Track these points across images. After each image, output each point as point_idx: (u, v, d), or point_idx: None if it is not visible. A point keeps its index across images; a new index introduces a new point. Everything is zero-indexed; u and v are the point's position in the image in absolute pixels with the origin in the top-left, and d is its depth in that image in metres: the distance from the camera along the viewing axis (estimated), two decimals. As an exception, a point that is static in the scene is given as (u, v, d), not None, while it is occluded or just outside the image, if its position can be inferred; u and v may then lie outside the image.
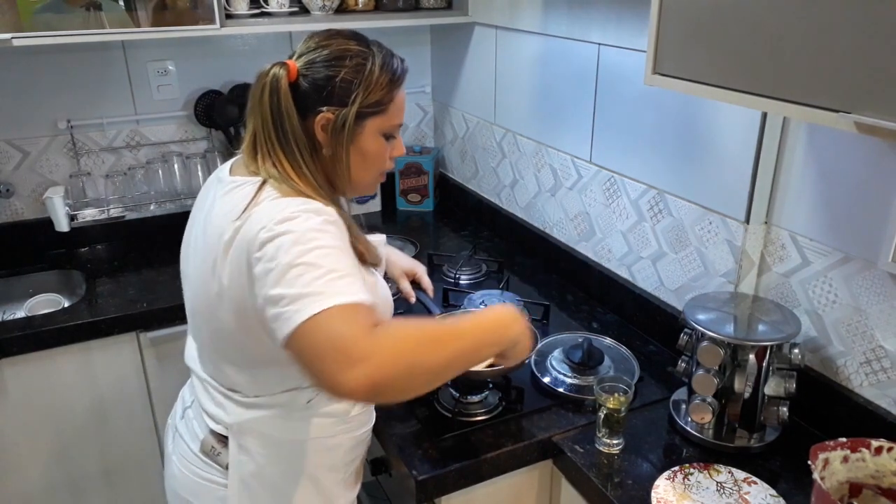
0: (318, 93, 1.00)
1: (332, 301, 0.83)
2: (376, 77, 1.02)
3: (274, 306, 0.86)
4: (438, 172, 2.47)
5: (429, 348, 0.86)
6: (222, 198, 1.02)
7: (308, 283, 0.85)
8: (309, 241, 0.88)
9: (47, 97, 1.95)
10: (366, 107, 1.02)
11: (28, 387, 1.68)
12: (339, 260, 0.89)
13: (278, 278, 0.86)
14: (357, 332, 0.82)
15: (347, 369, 0.79)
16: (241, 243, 0.93)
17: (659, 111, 1.47)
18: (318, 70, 1.00)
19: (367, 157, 1.06)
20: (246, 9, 1.88)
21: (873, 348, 1.16)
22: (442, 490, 1.19)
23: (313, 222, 0.91)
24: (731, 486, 1.11)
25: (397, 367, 0.82)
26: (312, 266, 0.86)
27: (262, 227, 0.91)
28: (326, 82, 1.00)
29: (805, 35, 0.83)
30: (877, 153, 1.10)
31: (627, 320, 1.65)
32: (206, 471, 1.11)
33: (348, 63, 1.00)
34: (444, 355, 0.88)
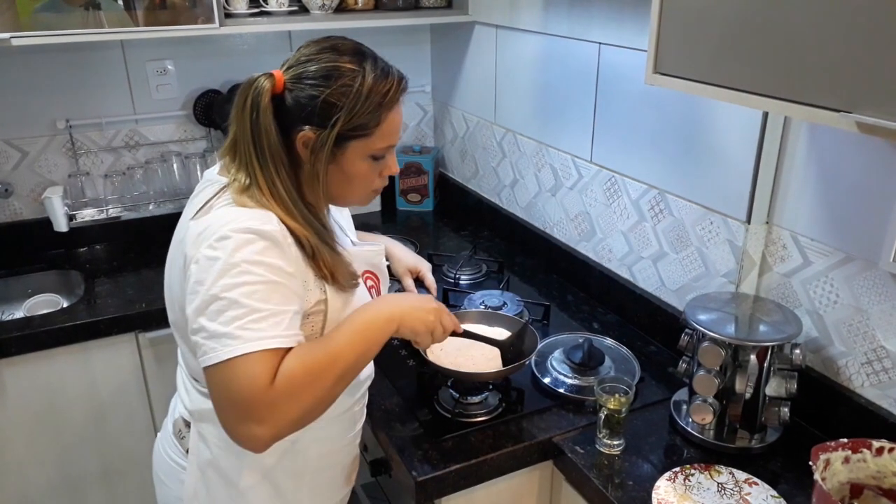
0: (300, 110, 0.97)
1: (242, 349, 0.86)
2: (363, 100, 0.97)
3: (195, 333, 0.90)
4: (438, 172, 2.47)
5: (320, 382, 0.91)
6: (198, 195, 1.03)
7: (226, 322, 0.87)
8: (237, 275, 0.88)
9: (46, 97, 1.95)
10: (348, 130, 0.98)
11: (27, 387, 1.67)
12: (265, 297, 0.89)
13: (201, 307, 0.89)
14: (257, 388, 0.85)
15: (245, 426, 0.86)
16: (184, 244, 0.95)
17: (660, 111, 1.47)
18: (303, 87, 0.97)
19: (350, 178, 1.03)
20: (245, 8, 1.88)
21: (874, 349, 1.15)
22: (442, 491, 1.18)
23: (247, 251, 0.90)
24: (732, 487, 1.11)
25: (293, 418, 0.88)
26: (234, 304, 0.87)
27: (201, 237, 0.92)
28: (309, 101, 0.97)
29: (806, 34, 0.83)
30: (878, 153, 1.10)
31: (628, 321, 1.64)
32: (175, 452, 1.14)
33: (334, 83, 0.96)
34: (334, 380, 0.92)
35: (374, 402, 1.34)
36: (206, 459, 1.08)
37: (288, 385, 0.87)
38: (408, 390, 1.37)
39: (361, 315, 1.00)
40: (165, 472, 1.18)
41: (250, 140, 0.97)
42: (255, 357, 0.86)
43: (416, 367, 1.44)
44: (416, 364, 1.46)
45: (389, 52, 2.53)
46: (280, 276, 0.92)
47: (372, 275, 1.18)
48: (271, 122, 0.97)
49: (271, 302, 0.90)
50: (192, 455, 1.09)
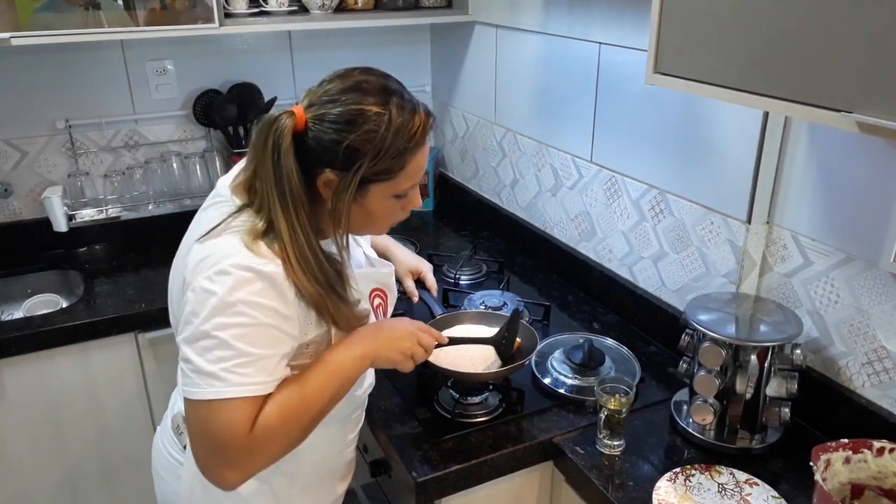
0: (322, 153, 0.94)
1: (225, 392, 0.87)
2: (388, 145, 0.94)
3: (182, 361, 0.91)
4: (438, 172, 2.47)
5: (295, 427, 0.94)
6: (208, 209, 1.03)
7: (213, 360, 0.88)
8: (231, 315, 0.88)
9: (46, 96, 1.95)
10: (372, 174, 0.95)
11: (26, 387, 1.67)
12: (256, 340, 0.89)
13: (191, 339, 0.90)
14: (235, 435, 0.88)
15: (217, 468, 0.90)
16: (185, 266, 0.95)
17: (660, 110, 1.47)
18: (325, 129, 0.93)
19: (372, 216, 1.01)
20: (245, 8, 1.88)
21: (875, 349, 1.15)
22: (442, 492, 1.18)
23: (244, 291, 0.89)
24: (732, 488, 1.11)
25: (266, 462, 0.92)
26: (223, 344, 0.88)
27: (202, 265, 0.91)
28: (332, 145, 0.93)
29: (807, 34, 0.83)
30: (879, 153, 1.09)
31: (628, 321, 1.64)
32: (173, 448, 1.15)
33: (358, 129, 0.92)
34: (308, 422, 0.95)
35: (374, 403, 1.33)
36: None
37: (265, 434, 0.90)
38: (408, 390, 1.37)
39: (334, 356, 1.00)
40: (164, 466, 1.19)
41: (272, 181, 0.94)
42: (237, 403, 0.88)
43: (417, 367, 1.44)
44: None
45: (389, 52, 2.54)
46: (274, 319, 0.91)
47: (381, 293, 1.17)
48: (293, 164, 0.93)
49: (260, 346, 0.90)
50: (188, 454, 1.09)
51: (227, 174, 1.10)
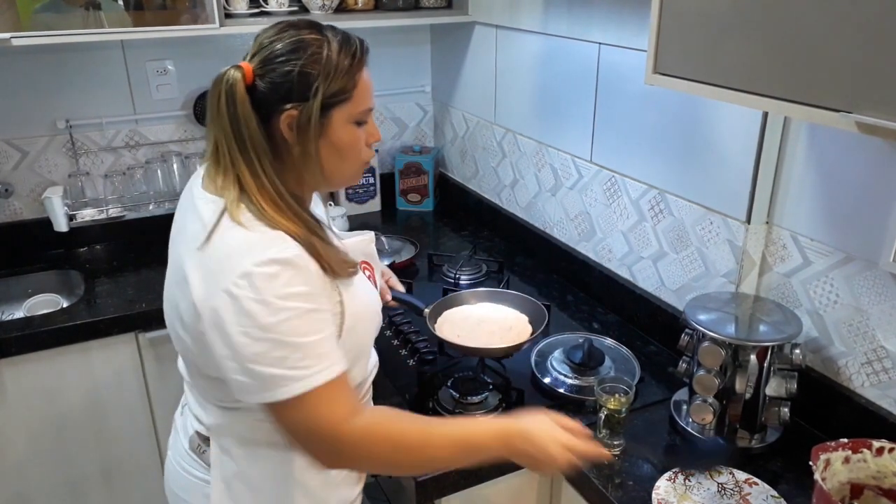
0: (277, 91, 0.94)
1: (301, 386, 0.88)
2: (335, 63, 0.95)
3: (237, 374, 0.90)
4: (438, 172, 2.47)
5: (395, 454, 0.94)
6: (191, 213, 0.99)
7: (275, 362, 0.87)
8: (272, 314, 0.87)
9: (46, 97, 1.95)
10: (329, 97, 0.95)
11: (27, 387, 1.67)
12: (305, 330, 0.89)
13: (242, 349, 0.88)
14: (334, 422, 0.90)
15: (326, 457, 0.93)
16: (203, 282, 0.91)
17: (660, 111, 1.47)
18: (274, 67, 0.95)
19: (341, 150, 1.00)
20: (245, 8, 1.88)
21: (875, 349, 1.15)
22: (442, 491, 1.18)
23: (276, 286, 0.87)
24: (732, 487, 1.11)
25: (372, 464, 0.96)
26: (278, 345, 0.87)
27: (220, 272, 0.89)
28: (285, 78, 0.94)
29: (806, 34, 0.83)
30: (878, 153, 1.09)
31: (628, 321, 1.64)
32: (195, 467, 1.11)
33: (304, 54, 0.94)
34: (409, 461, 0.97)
35: (374, 403, 1.33)
36: (231, 472, 1.07)
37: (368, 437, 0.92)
38: (408, 390, 1.37)
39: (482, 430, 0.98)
40: (183, 487, 1.15)
41: (231, 135, 0.94)
42: (319, 392, 0.89)
43: (417, 366, 1.45)
44: (416, 364, 1.46)
45: (389, 52, 2.55)
46: (312, 302, 0.91)
47: (367, 265, 1.18)
48: (250, 110, 0.94)
49: (311, 332, 0.90)
50: (215, 469, 1.07)
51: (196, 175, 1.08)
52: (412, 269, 1.94)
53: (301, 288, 0.90)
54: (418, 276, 1.90)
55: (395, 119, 2.44)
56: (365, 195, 2.37)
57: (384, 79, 2.36)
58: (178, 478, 1.15)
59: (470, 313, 1.39)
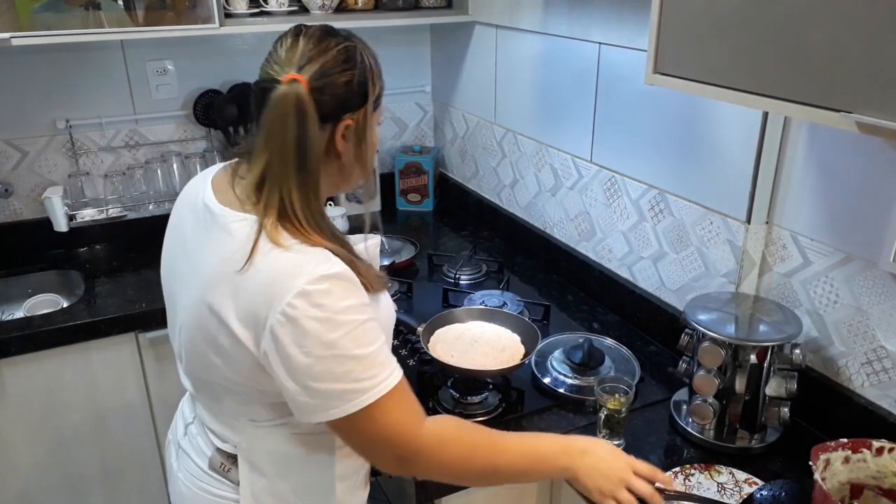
0: (338, 103, 0.92)
1: (371, 397, 0.89)
2: (375, 66, 0.98)
3: (298, 395, 0.89)
4: (438, 172, 2.47)
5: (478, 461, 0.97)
6: (217, 233, 0.95)
7: (342, 377, 0.88)
8: (333, 330, 0.86)
9: (46, 97, 1.95)
10: (376, 100, 0.97)
11: (27, 387, 1.67)
12: (364, 341, 0.89)
13: (306, 370, 0.87)
14: (409, 427, 0.93)
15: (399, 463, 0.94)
16: (250, 308, 0.88)
17: (660, 111, 1.47)
18: (333, 80, 0.91)
19: (373, 149, 1.02)
20: (245, 8, 1.88)
21: (875, 349, 1.15)
22: (442, 491, 1.18)
23: (333, 302, 0.87)
24: (732, 487, 1.11)
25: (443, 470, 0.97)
26: (343, 359, 0.87)
27: (272, 297, 0.86)
28: (346, 88, 0.92)
29: (807, 34, 0.83)
30: (878, 153, 1.09)
31: (628, 321, 1.64)
32: (217, 486, 1.08)
33: (356, 63, 0.94)
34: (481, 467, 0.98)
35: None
36: (261, 487, 1.05)
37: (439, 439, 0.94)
38: (408, 390, 1.37)
39: (548, 443, 1.03)
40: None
41: (293, 156, 0.90)
42: (388, 401, 0.90)
43: (417, 366, 1.44)
44: (416, 364, 1.46)
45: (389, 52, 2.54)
46: (365, 313, 0.91)
47: None
48: (318, 130, 0.90)
49: (370, 342, 0.90)
50: (244, 487, 1.05)
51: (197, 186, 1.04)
52: (412, 269, 1.94)
53: (354, 300, 0.89)
54: (418, 276, 1.90)
55: (395, 119, 2.44)
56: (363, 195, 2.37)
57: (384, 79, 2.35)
58: (196, 498, 1.11)
59: (463, 332, 1.39)
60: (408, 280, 1.79)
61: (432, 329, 1.40)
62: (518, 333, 1.39)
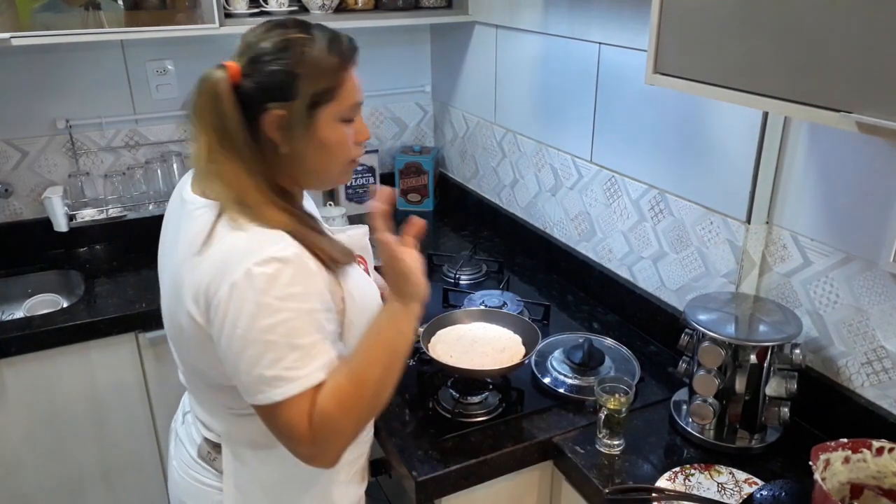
0: (263, 90, 0.94)
1: (286, 391, 0.88)
2: (322, 61, 0.95)
3: (235, 375, 0.91)
4: (438, 172, 2.47)
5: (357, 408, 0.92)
6: (186, 221, 0.99)
7: (269, 364, 0.88)
8: (270, 315, 0.87)
9: (46, 97, 1.95)
10: (316, 96, 0.95)
11: (27, 387, 1.67)
12: (302, 331, 0.89)
13: (237, 350, 0.89)
14: (300, 430, 0.89)
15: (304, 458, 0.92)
16: (201, 285, 0.91)
17: (660, 111, 1.47)
18: (261, 67, 0.94)
19: (329, 149, 1.00)
20: (245, 8, 1.88)
21: (875, 349, 1.15)
22: (442, 491, 1.18)
23: (277, 287, 0.87)
24: (732, 487, 1.11)
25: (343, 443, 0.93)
26: (272, 345, 0.88)
27: (221, 274, 0.89)
28: (272, 77, 0.94)
29: (807, 34, 0.83)
30: (878, 153, 1.09)
31: (628, 321, 1.64)
32: (204, 475, 1.11)
33: (292, 53, 0.94)
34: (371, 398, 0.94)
35: (374, 402, 1.34)
36: (245, 477, 1.07)
37: (326, 423, 0.90)
38: (408, 390, 1.37)
39: (371, 327, 0.98)
40: (193, 495, 1.14)
41: (217, 136, 0.94)
42: (296, 400, 0.89)
43: (416, 366, 1.44)
44: (416, 364, 1.46)
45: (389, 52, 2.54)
46: (311, 302, 0.91)
47: (361, 258, 1.17)
48: (234, 108, 0.93)
49: (310, 334, 0.90)
50: (227, 476, 1.07)
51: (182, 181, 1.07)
52: (412, 269, 1.94)
53: (299, 288, 0.89)
54: (418, 276, 1.90)
55: (395, 119, 2.44)
56: (365, 195, 2.37)
57: (384, 79, 2.36)
58: (186, 486, 1.14)
59: (463, 333, 1.39)
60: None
61: (433, 330, 1.40)
62: (518, 333, 1.39)
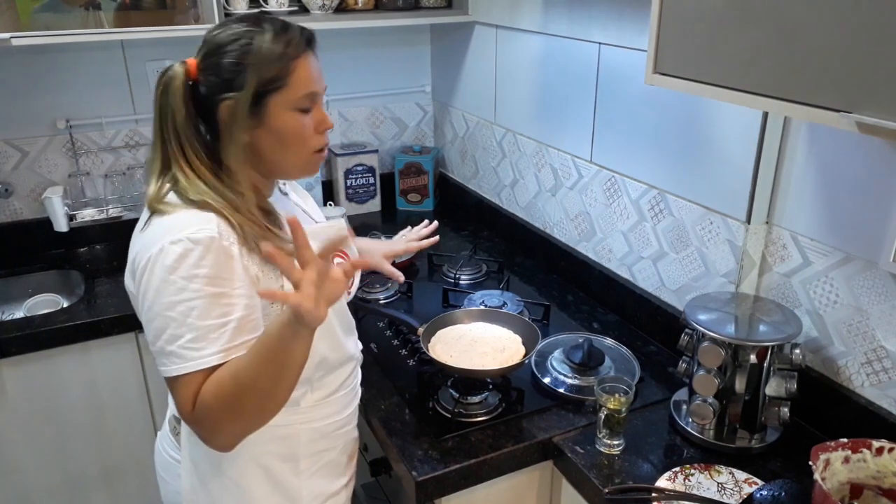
0: (215, 83, 0.98)
1: (177, 369, 0.91)
2: (268, 51, 0.97)
3: (149, 344, 0.96)
4: (438, 172, 2.47)
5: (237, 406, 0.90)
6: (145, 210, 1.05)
7: (170, 340, 0.91)
8: (175, 293, 0.90)
9: (46, 97, 1.95)
10: (262, 85, 0.97)
11: (27, 387, 1.68)
12: (204, 313, 0.91)
13: (146, 323, 0.95)
14: (184, 411, 0.92)
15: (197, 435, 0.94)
16: (134, 258, 0.97)
17: (660, 111, 1.47)
18: (213, 60, 0.99)
19: (283, 138, 1.01)
20: (245, 8, 1.88)
21: (874, 349, 1.15)
22: (442, 491, 1.18)
23: (184, 266, 0.91)
24: (731, 487, 1.11)
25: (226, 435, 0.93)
26: (173, 322, 0.91)
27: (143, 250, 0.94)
28: (220, 70, 0.98)
29: (806, 34, 0.83)
30: (878, 153, 1.10)
31: (628, 321, 1.64)
32: (172, 448, 1.17)
33: (237, 45, 0.98)
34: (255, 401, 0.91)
35: (374, 403, 1.34)
36: (199, 454, 1.09)
37: (202, 410, 0.91)
38: (408, 390, 1.37)
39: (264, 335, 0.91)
40: (165, 468, 1.20)
41: (170, 129, 0.99)
42: (188, 378, 0.91)
43: (416, 366, 1.45)
44: (416, 364, 1.46)
45: (389, 52, 2.54)
46: (219, 286, 0.92)
47: (343, 253, 1.16)
48: (180, 102, 0.98)
49: (210, 317, 0.91)
50: (184, 450, 1.11)
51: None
52: (412, 269, 1.94)
53: (208, 270, 0.92)
54: (418, 276, 1.91)
55: (395, 119, 2.44)
56: (365, 195, 2.37)
57: (384, 79, 2.36)
58: (161, 460, 1.21)
59: (463, 333, 1.40)
60: (408, 280, 1.79)
61: (433, 331, 1.40)
62: (518, 333, 1.39)
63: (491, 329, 1.41)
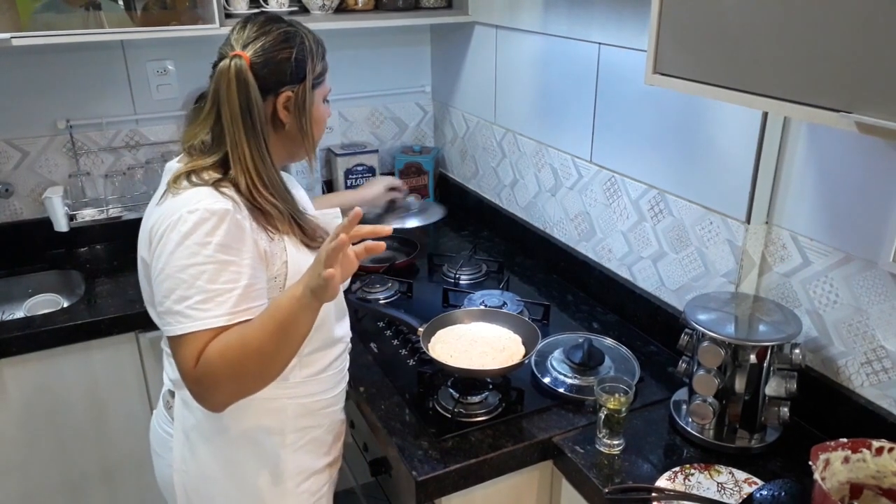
0: (276, 75, 1.08)
1: (183, 328, 0.96)
2: (316, 50, 1.13)
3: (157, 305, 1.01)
4: (438, 172, 2.47)
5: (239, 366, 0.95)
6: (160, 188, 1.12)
7: (177, 300, 0.96)
8: (188, 257, 0.96)
9: (47, 97, 1.95)
10: (315, 79, 1.13)
11: (27, 387, 1.68)
12: (213, 277, 0.96)
13: (158, 284, 0.99)
14: (185, 369, 0.96)
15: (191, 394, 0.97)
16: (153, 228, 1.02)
17: (659, 111, 1.47)
18: (272, 55, 1.07)
19: (318, 123, 1.17)
20: (245, 8, 1.88)
21: (874, 348, 1.15)
22: (442, 491, 1.18)
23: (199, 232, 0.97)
24: (731, 487, 1.11)
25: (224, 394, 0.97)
26: (182, 283, 0.96)
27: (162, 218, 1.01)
28: (284, 65, 1.08)
29: (806, 34, 0.83)
30: (878, 153, 1.10)
31: (628, 320, 1.64)
32: (165, 423, 1.20)
33: (295, 44, 1.09)
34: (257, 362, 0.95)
35: (374, 402, 1.34)
36: (190, 424, 1.14)
37: (206, 369, 0.94)
38: (408, 390, 1.37)
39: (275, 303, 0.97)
40: (159, 443, 1.24)
41: (240, 118, 1.04)
42: (192, 337, 0.95)
43: (416, 366, 1.45)
44: (416, 363, 1.46)
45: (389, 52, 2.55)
46: (230, 254, 0.98)
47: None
48: (258, 92, 1.06)
49: (218, 282, 0.96)
50: (177, 422, 1.15)
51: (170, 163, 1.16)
52: (412, 269, 1.94)
53: (219, 238, 0.97)
54: (418, 276, 1.91)
55: (395, 119, 2.44)
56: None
57: (384, 79, 2.36)
58: (155, 435, 1.25)
59: (464, 333, 1.40)
60: (408, 280, 1.79)
61: (433, 330, 1.40)
62: (518, 333, 1.39)
63: (491, 329, 1.41)
